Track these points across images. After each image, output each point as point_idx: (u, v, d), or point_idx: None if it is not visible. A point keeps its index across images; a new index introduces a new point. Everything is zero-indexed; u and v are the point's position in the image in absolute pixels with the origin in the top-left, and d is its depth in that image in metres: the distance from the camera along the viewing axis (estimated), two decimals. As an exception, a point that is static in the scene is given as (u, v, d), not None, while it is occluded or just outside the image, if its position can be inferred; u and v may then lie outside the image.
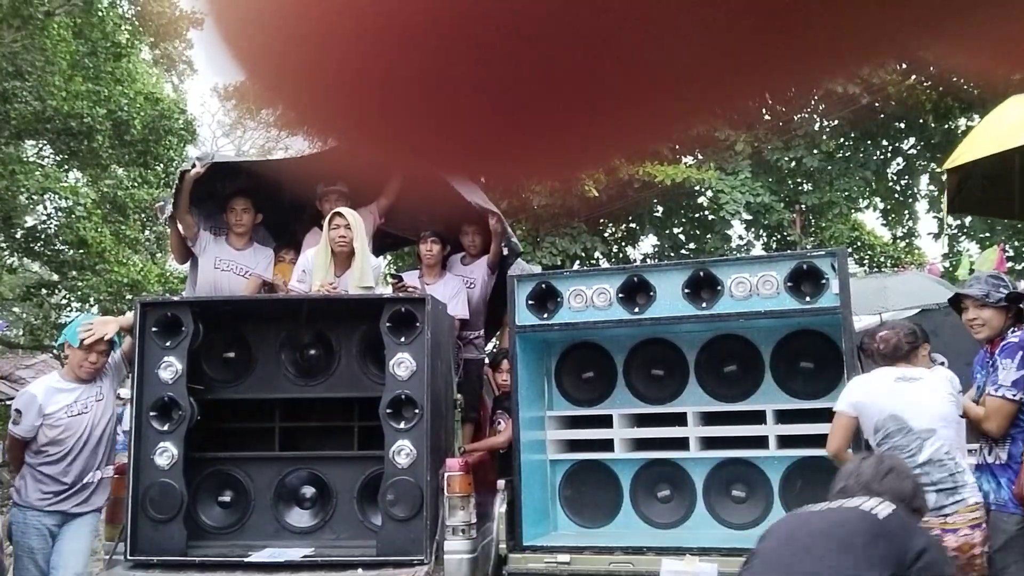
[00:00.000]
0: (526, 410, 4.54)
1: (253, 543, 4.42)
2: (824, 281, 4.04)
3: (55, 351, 6.33)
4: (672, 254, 15.12)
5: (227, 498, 4.58)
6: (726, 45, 0.30)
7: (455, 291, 5.54)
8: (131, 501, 4.26)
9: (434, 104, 0.31)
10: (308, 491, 4.60)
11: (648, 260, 15.61)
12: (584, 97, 0.31)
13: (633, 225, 15.35)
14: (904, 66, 12.70)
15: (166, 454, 4.29)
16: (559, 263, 12.87)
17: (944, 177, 5.99)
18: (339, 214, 4.91)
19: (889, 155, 15.11)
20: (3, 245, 16.50)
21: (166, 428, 4.32)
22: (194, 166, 5.09)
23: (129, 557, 4.23)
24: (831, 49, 0.31)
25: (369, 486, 4.47)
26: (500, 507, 4.32)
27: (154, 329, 4.38)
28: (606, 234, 14.99)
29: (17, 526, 4.44)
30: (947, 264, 14.26)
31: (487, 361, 6.14)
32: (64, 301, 17.78)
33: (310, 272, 4.94)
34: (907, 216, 16.03)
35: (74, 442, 4.55)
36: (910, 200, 15.72)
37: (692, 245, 15.37)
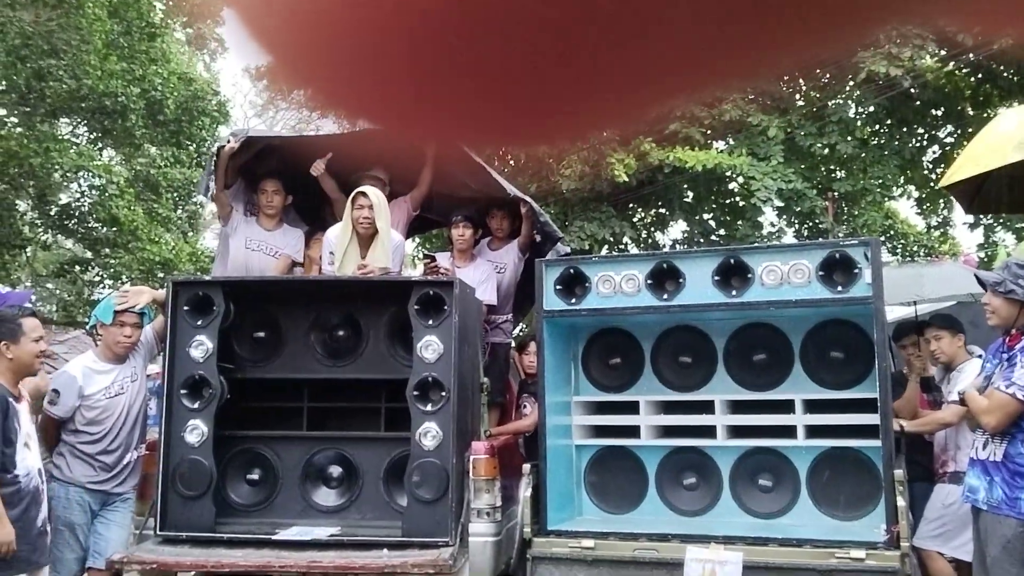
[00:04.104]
0: (552, 395, 4.54)
1: (281, 521, 4.48)
2: (857, 270, 3.98)
3: (87, 330, 6.41)
4: (702, 240, 14.98)
5: (255, 476, 4.63)
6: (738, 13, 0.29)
7: (485, 276, 5.53)
8: (161, 477, 4.32)
9: (456, 79, 0.31)
10: (335, 471, 4.64)
11: (677, 246, 15.50)
12: (604, 62, 0.31)
13: (663, 210, 15.23)
14: (943, 52, 12.46)
15: (196, 431, 4.34)
16: (587, 247, 12.80)
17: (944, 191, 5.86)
18: (362, 194, 4.91)
19: (925, 143, 14.85)
20: (37, 222, 16.72)
21: (196, 406, 4.37)
22: (228, 142, 5.15)
23: (159, 532, 4.29)
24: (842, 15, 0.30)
25: (395, 467, 4.50)
26: (525, 491, 4.32)
27: (186, 308, 4.43)
28: (635, 219, 14.89)
29: (59, 501, 4.51)
30: (982, 255, 14.03)
31: (514, 345, 6.14)
32: (97, 278, 18.01)
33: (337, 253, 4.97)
34: (942, 205, 15.77)
35: (112, 423, 4.62)
36: (947, 192, 15.45)
37: (722, 231, 15.22)
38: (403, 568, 3.93)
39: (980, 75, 13.23)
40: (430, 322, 4.30)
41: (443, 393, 4.25)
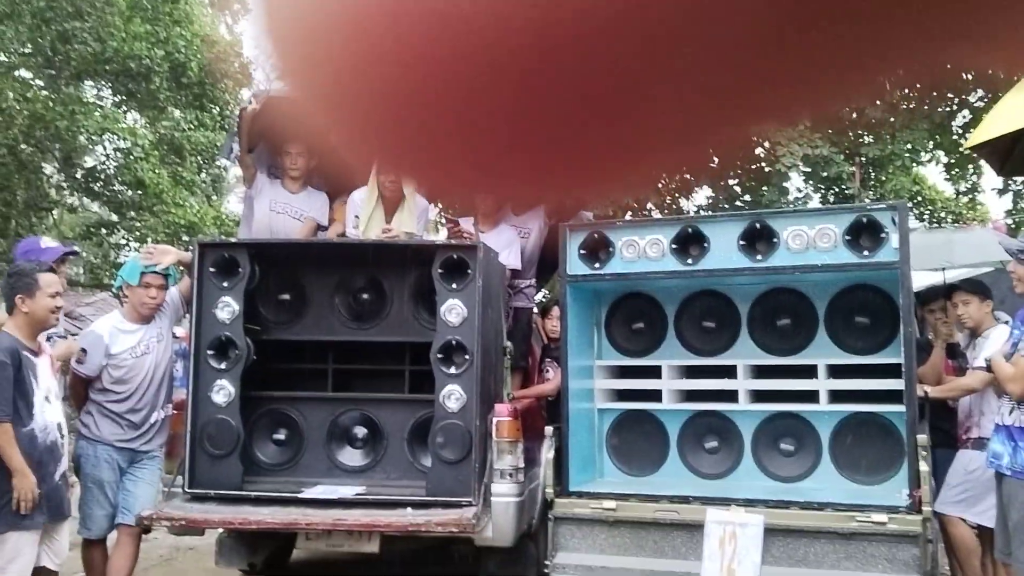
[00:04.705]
0: (575, 359, 4.55)
1: (306, 480, 4.54)
2: (884, 235, 3.95)
3: (113, 292, 6.48)
4: (727, 206, 14.85)
5: (281, 436, 4.70)
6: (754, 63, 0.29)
7: (509, 241, 5.52)
8: (189, 437, 4.39)
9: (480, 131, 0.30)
10: (360, 431, 4.70)
11: (702, 212, 15.39)
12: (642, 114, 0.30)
13: (688, 176, 15.09)
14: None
15: (223, 392, 4.40)
16: (611, 213, 12.73)
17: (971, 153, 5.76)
18: None
19: (955, 107, 14.60)
20: (64, 185, 16.87)
21: (223, 367, 4.42)
22: (251, 103, 5.15)
23: (187, 490, 4.37)
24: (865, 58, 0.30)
25: (419, 428, 4.54)
26: (547, 453, 4.36)
27: (212, 269, 4.47)
28: (659, 185, 14.77)
29: (87, 459, 4.59)
30: (1010, 222, 13.84)
31: (536, 310, 6.14)
32: (123, 241, 18.18)
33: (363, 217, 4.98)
34: (971, 171, 15.54)
35: (139, 382, 4.68)
36: (975, 154, 15.20)
37: (748, 197, 15.08)
38: (427, 527, 3.99)
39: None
40: (454, 286, 4.32)
41: (466, 356, 4.27)
